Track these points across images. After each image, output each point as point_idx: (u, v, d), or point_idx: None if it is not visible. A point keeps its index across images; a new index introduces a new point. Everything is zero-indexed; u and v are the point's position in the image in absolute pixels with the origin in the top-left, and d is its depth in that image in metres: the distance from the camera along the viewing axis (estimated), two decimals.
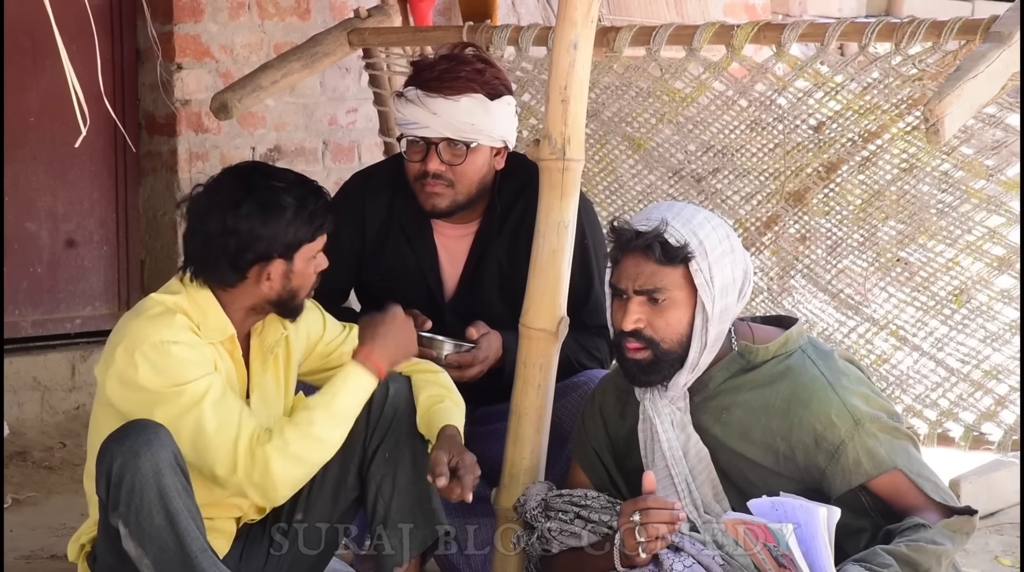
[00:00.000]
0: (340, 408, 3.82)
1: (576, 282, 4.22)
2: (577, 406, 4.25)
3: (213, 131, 6.57)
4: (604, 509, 3.76)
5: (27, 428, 6.21)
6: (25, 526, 5.23)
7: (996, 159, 4.55)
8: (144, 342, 3.72)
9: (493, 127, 4.31)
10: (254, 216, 3.78)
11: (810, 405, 3.70)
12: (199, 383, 3.71)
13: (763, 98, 4.81)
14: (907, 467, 3.67)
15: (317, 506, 3.95)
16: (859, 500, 3.70)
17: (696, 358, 3.74)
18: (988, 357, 4.72)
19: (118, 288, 6.63)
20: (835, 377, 3.74)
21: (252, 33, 6.71)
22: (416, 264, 4.46)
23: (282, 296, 3.87)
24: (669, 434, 3.79)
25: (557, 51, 3.94)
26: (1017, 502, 5.24)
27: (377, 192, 4.50)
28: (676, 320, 3.72)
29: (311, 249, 3.86)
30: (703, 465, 3.78)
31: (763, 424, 3.73)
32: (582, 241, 4.29)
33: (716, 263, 3.72)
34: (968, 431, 4.73)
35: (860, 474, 3.67)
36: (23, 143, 6.30)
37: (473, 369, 4.26)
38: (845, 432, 3.67)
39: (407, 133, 4.33)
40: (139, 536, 3.64)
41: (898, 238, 4.79)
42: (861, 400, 3.72)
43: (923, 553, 3.50)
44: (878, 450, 3.66)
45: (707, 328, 3.72)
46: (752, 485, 3.75)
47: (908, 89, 4.54)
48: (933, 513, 3.63)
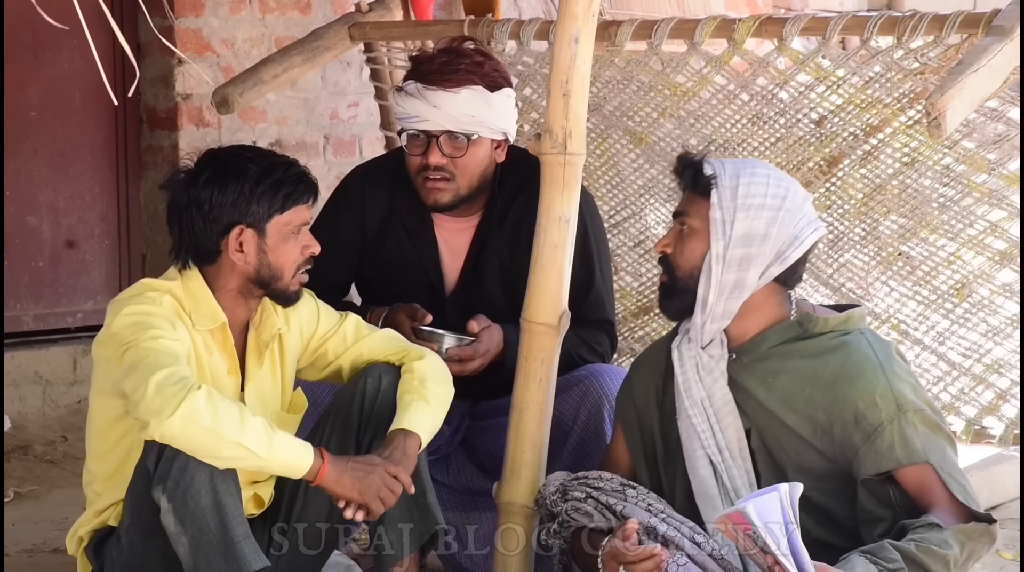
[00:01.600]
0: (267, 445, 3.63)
1: (577, 276, 4.21)
2: (578, 402, 4.25)
3: (214, 125, 6.57)
4: (615, 493, 3.76)
5: (29, 422, 6.22)
6: (27, 520, 5.24)
7: (998, 153, 4.55)
8: (126, 306, 3.77)
9: (494, 119, 4.30)
10: (214, 182, 3.80)
11: (857, 382, 3.70)
12: (165, 334, 3.71)
13: (765, 92, 4.81)
14: (939, 464, 3.65)
15: (316, 500, 3.95)
16: (886, 490, 3.69)
17: (706, 296, 3.75)
18: (989, 351, 4.72)
19: (119, 282, 6.64)
20: (888, 361, 3.74)
21: (253, 27, 6.71)
22: (417, 258, 4.45)
23: (261, 273, 3.85)
24: (688, 376, 3.80)
25: (558, 45, 3.94)
26: (1017, 496, 5.24)
27: (377, 186, 4.49)
28: (690, 250, 3.78)
29: (285, 222, 3.83)
30: (728, 409, 3.78)
31: (807, 394, 3.73)
32: (583, 235, 4.29)
33: (745, 209, 3.74)
34: (969, 425, 4.73)
35: (891, 460, 3.65)
36: (24, 138, 6.31)
37: (474, 363, 4.25)
38: (886, 415, 3.66)
39: (407, 127, 4.33)
40: (182, 513, 3.61)
41: (900, 232, 4.79)
42: (909, 389, 3.71)
43: (930, 555, 3.49)
44: (914, 440, 3.65)
45: (717, 269, 3.73)
46: (783, 452, 3.74)
47: (910, 83, 4.53)
48: (953, 516, 3.61)
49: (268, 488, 3.99)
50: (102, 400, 3.84)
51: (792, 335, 3.80)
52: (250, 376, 3.92)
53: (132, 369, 3.64)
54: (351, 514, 3.75)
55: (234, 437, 3.59)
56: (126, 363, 3.67)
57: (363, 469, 3.74)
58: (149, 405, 3.57)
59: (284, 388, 4.00)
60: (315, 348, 4.06)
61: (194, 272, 3.86)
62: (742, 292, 3.77)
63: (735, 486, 3.77)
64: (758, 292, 3.80)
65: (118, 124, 6.56)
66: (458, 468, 4.50)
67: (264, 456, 3.62)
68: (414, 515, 3.91)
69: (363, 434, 3.96)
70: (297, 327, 4.02)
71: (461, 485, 4.48)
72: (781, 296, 3.84)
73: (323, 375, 4.10)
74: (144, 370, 3.61)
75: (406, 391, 3.92)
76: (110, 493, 3.86)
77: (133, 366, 3.64)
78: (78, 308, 6.56)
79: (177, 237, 3.86)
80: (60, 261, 6.51)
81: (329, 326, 4.06)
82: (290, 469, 3.69)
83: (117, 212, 6.62)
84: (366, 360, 4.04)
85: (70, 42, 6.13)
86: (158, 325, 3.71)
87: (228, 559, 3.61)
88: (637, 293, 5.41)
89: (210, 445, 3.59)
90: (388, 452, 3.80)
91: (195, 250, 3.84)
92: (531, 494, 4.02)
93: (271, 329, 3.94)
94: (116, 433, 3.84)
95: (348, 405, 3.98)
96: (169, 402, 3.55)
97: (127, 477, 3.78)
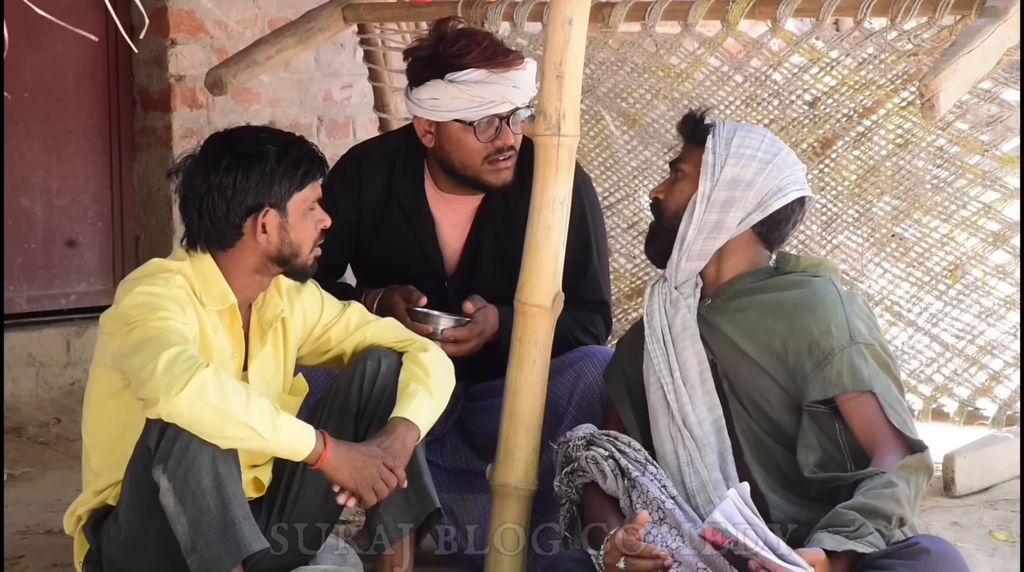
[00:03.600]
0: (272, 427, 3.64)
1: (574, 257, 4.22)
2: (572, 384, 4.25)
3: (208, 107, 6.56)
4: (636, 463, 3.78)
5: (22, 404, 6.22)
6: (20, 501, 5.24)
7: (991, 134, 4.56)
8: (138, 286, 3.76)
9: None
10: (237, 167, 3.80)
11: (815, 312, 3.77)
12: (174, 316, 3.72)
13: (758, 74, 4.81)
14: (883, 395, 3.70)
15: (312, 485, 3.95)
16: (833, 425, 3.73)
17: (685, 234, 3.86)
18: (983, 333, 4.73)
19: (112, 264, 6.63)
20: (849, 300, 3.82)
21: (246, 8, 6.70)
22: (416, 239, 4.45)
23: (283, 251, 3.86)
24: (653, 308, 3.91)
25: (552, 27, 3.93)
26: (1011, 477, 5.25)
27: (373, 167, 4.48)
28: (679, 191, 3.91)
29: (303, 199, 3.86)
30: (687, 335, 3.87)
31: (768, 324, 3.81)
32: (581, 215, 4.30)
33: (736, 157, 3.85)
34: (963, 406, 4.74)
35: (838, 386, 3.71)
36: (17, 119, 6.30)
37: (469, 343, 4.25)
38: (838, 343, 3.73)
39: (478, 115, 4.25)
40: (182, 493, 3.61)
41: (893, 214, 4.80)
42: (864, 326, 3.78)
43: (882, 499, 3.53)
44: (862, 369, 3.71)
45: (700, 207, 3.84)
46: (741, 381, 3.82)
47: (903, 64, 4.54)
48: (896, 453, 3.64)
49: (267, 471, 4.00)
50: (101, 373, 3.85)
51: (765, 274, 3.90)
52: (253, 356, 3.93)
53: (140, 347, 3.64)
54: (344, 500, 3.77)
55: (240, 417, 3.59)
56: (133, 341, 3.66)
57: (362, 459, 3.75)
58: (158, 382, 3.56)
59: (286, 371, 4.01)
60: (318, 335, 4.07)
61: (204, 255, 3.87)
62: (719, 233, 3.86)
63: (684, 412, 3.83)
64: (737, 239, 3.88)
65: (111, 105, 6.55)
66: (452, 449, 4.50)
67: (268, 437, 3.63)
68: (410, 499, 3.91)
69: (361, 417, 3.96)
70: (301, 312, 4.03)
71: (456, 466, 4.48)
72: (759, 248, 3.92)
73: (323, 360, 4.10)
74: (153, 348, 3.61)
75: (411, 379, 3.93)
76: (108, 473, 3.86)
77: (141, 344, 3.64)
78: (71, 290, 6.56)
79: (195, 223, 3.85)
80: (53, 243, 6.50)
81: (332, 314, 4.07)
82: (293, 452, 3.70)
83: (110, 194, 6.61)
84: (368, 345, 4.05)
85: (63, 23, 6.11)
86: (168, 307, 3.72)
87: (228, 540, 3.61)
88: (631, 274, 5.42)
89: (216, 424, 3.59)
90: (388, 442, 3.81)
91: (215, 234, 3.84)
92: (525, 476, 4.03)
93: (274, 310, 3.95)
94: (113, 408, 3.84)
95: (347, 387, 3.98)
96: (178, 379, 3.55)
97: (124, 455, 3.77)
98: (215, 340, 3.85)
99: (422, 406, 3.88)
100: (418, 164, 4.45)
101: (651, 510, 3.67)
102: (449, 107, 4.28)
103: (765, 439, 3.79)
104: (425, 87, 4.30)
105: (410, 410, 3.86)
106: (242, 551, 3.61)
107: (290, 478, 3.98)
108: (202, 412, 3.57)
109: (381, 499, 3.79)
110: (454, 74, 4.26)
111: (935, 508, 5.02)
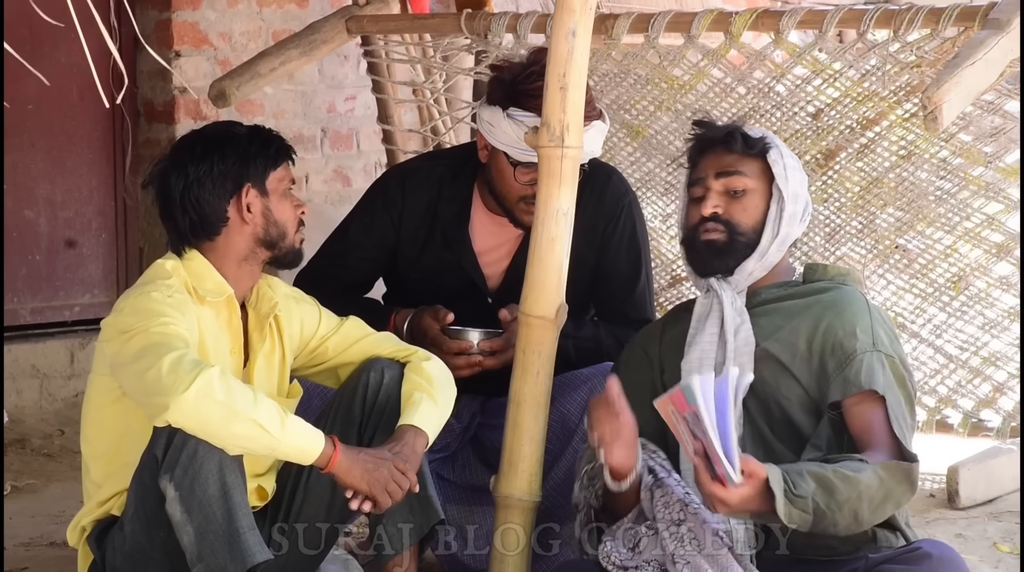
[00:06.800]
0: (280, 425, 3.64)
1: (625, 274, 4.31)
2: (584, 401, 4.20)
3: (211, 119, 6.57)
4: (663, 464, 3.74)
5: (26, 416, 6.22)
6: (24, 513, 5.24)
7: (994, 146, 4.56)
8: (138, 292, 3.80)
9: None
10: (211, 151, 3.87)
11: (843, 314, 3.77)
12: (172, 321, 3.72)
13: (761, 85, 4.81)
14: (892, 404, 3.66)
15: (316, 494, 3.96)
16: (843, 425, 3.70)
17: (767, 246, 3.83)
18: (987, 344, 4.73)
19: (116, 276, 6.64)
20: (876, 311, 3.82)
21: (250, 20, 6.71)
22: (457, 263, 4.43)
23: (269, 232, 3.89)
24: (729, 310, 3.83)
25: (555, 38, 3.94)
26: (1015, 489, 5.25)
27: (417, 189, 4.46)
28: (753, 206, 3.84)
29: (280, 178, 3.92)
30: (748, 348, 3.81)
31: (794, 325, 3.80)
32: (632, 234, 4.39)
33: (791, 167, 3.86)
34: (967, 418, 4.74)
35: (855, 385, 3.69)
36: (21, 131, 6.30)
37: (507, 353, 4.22)
38: (861, 346, 3.72)
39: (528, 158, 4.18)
40: (188, 502, 3.61)
41: (896, 225, 4.80)
42: (887, 338, 3.78)
43: (847, 482, 3.48)
44: (878, 375, 3.69)
45: (782, 217, 3.82)
46: (764, 383, 3.78)
47: (906, 76, 4.54)
48: (885, 456, 3.60)
49: (271, 481, 4.00)
50: (100, 381, 3.85)
51: (794, 283, 3.91)
52: (254, 352, 3.94)
53: (143, 353, 3.64)
54: (357, 505, 3.75)
55: (248, 413, 3.58)
56: (136, 347, 3.67)
57: (373, 461, 3.75)
58: (164, 382, 3.56)
59: (282, 374, 4.01)
60: (314, 347, 4.07)
61: (192, 253, 3.89)
62: (787, 243, 3.88)
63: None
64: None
65: (115, 118, 6.55)
66: (463, 464, 4.50)
67: (277, 436, 3.61)
68: (414, 508, 3.91)
69: (365, 428, 3.96)
70: (298, 320, 4.04)
71: (465, 481, 4.48)
72: (790, 257, 3.96)
73: (319, 371, 4.10)
74: (157, 352, 3.61)
75: (415, 388, 3.93)
76: (110, 483, 3.86)
77: (144, 350, 3.65)
78: (75, 302, 6.57)
79: (180, 222, 3.88)
80: (57, 255, 6.51)
81: (330, 327, 4.08)
82: (302, 453, 3.68)
83: (114, 206, 6.62)
84: (367, 356, 4.05)
85: (67, 35, 6.12)
86: (168, 313, 3.73)
87: (232, 550, 3.61)
88: None
89: (224, 421, 3.57)
90: (399, 447, 3.81)
91: (201, 225, 3.87)
92: (529, 488, 4.02)
93: (268, 302, 3.97)
94: (112, 416, 3.84)
95: (351, 398, 3.99)
96: (183, 378, 3.55)
97: (124, 464, 3.77)
98: (214, 337, 3.86)
99: (429, 414, 3.89)
100: (466, 190, 4.44)
101: (673, 510, 3.65)
102: (500, 139, 4.27)
103: (774, 443, 3.77)
104: (489, 109, 4.29)
105: (417, 417, 3.86)
106: (247, 562, 3.61)
107: (294, 488, 3.98)
108: (209, 409, 3.56)
109: (395, 502, 3.78)
110: (516, 111, 4.24)
111: (939, 520, 5.02)
